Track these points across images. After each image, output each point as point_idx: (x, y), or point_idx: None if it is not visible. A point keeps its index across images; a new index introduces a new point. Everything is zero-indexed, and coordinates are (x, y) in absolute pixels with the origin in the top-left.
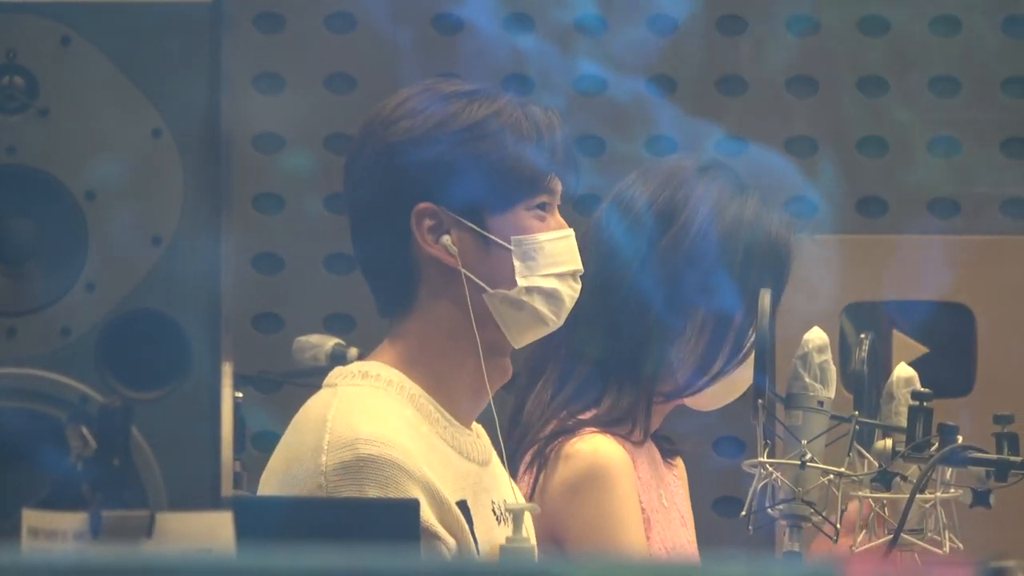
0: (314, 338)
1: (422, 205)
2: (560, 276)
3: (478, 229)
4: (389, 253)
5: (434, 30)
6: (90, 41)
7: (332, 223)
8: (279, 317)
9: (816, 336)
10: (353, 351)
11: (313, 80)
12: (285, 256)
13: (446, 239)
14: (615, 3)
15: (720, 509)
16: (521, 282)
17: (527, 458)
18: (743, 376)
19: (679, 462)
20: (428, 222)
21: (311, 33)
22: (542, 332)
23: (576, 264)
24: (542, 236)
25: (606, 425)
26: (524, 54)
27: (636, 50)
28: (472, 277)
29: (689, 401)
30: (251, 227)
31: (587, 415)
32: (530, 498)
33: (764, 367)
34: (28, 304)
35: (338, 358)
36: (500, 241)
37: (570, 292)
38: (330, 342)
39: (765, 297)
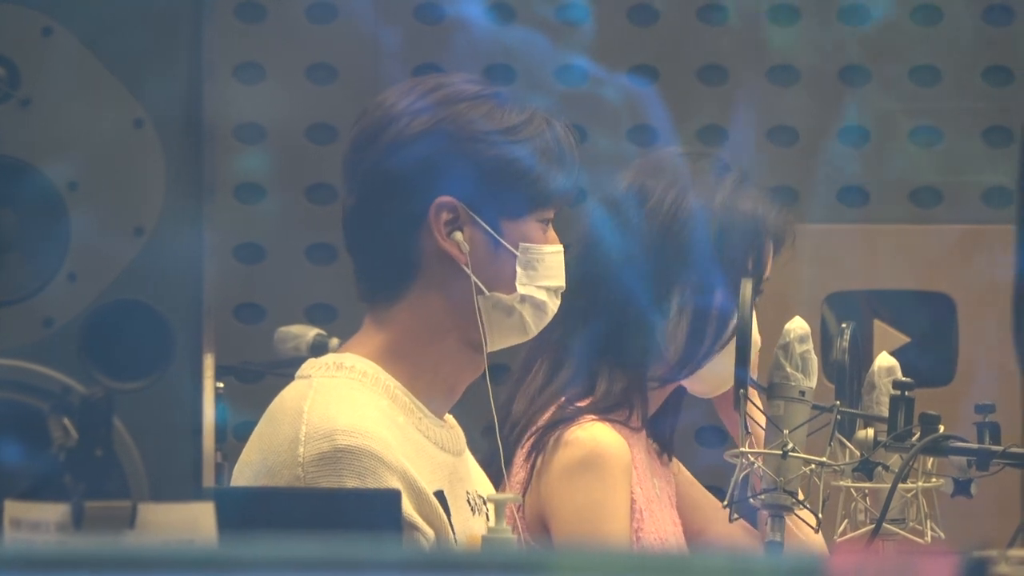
0: (295, 328)
1: (444, 198)
2: (549, 290)
3: (491, 231)
4: (395, 239)
5: (416, 20)
6: (71, 31)
7: (314, 213)
8: (261, 307)
9: (797, 326)
10: (334, 341)
11: (294, 70)
12: (267, 246)
13: (458, 235)
14: None
15: None
16: (520, 289)
17: (526, 446)
18: (733, 359)
19: (676, 463)
20: (446, 215)
21: (292, 23)
22: (517, 341)
23: (562, 281)
24: (545, 248)
25: (603, 412)
26: (506, 44)
27: (618, 40)
28: (474, 277)
29: (688, 386)
30: (233, 217)
31: (584, 402)
32: (527, 484)
33: (745, 357)
34: (10, 295)
35: (319, 348)
36: (509, 246)
37: (553, 307)
38: (311, 332)
39: (746, 287)
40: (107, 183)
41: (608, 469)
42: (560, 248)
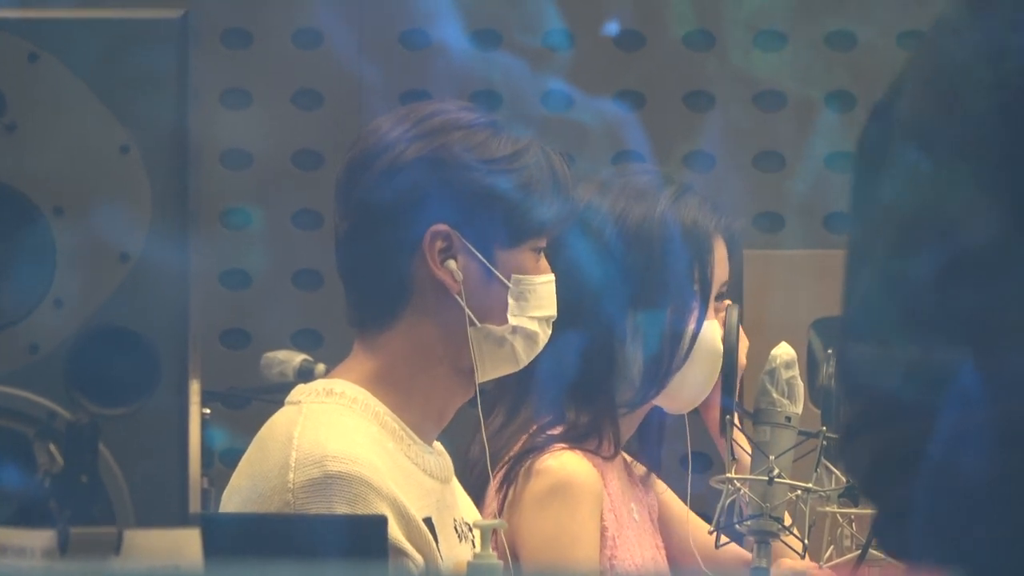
0: (281, 354)
1: (440, 226)
2: (541, 320)
3: (485, 261)
4: (387, 266)
5: (401, 47)
6: (58, 57)
7: (300, 239)
8: (247, 333)
9: (784, 352)
10: (320, 367)
11: (280, 96)
12: (252, 272)
13: (452, 264)
14: (580, 18)
15: None
16: (512, 320)
17: (498, 477)
18: (699, 371)
19: (657, 482)
20: (440, 243)
21: (278, 49)
22: (508, 371)
23: (553, 310)
24: (537, 279)
25: (574, 441)
26: (492, 70)
27: (604, 66)
28: (466, 307)
29: (662, 404)
30: (219, 243)
31: (556, 431)
32: (499, 514)
33: (732, 383)
34: None
35: (306, 374)
36: (502, 277)
37: (544, 337)
38: (298, 358)
39: (732, 313)
40: (93, 209)
41: (577, 497)
42: (551, 277)
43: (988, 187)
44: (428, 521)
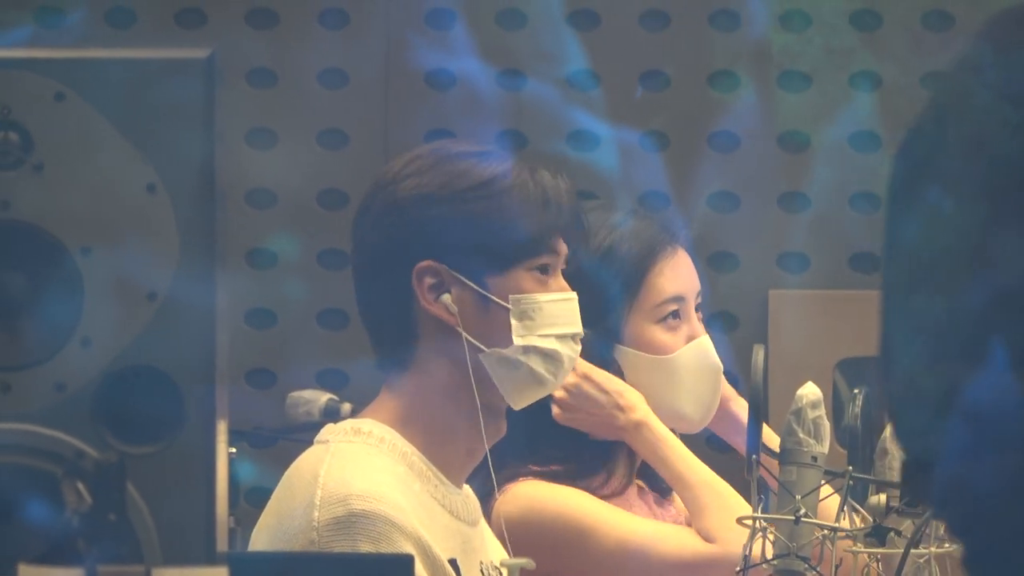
0: (307, 393)
1: (424, 263)
2: (560, 337)
3: (478, 288)
4: (390, 309)
5: (427, 86)
6: (84, 97)
7: (325, 279)
8: (272, 373)
9: (810, 391)
10: (347, 406)
11: (306, 135)
12: (278, 311)
13: (446, 297)
14: (606, 58)
15: None
16: (518, 341)
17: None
18: (694, 387)
19: (677, 500)
20: (429, 280)
21: (304, 88)
22: (541, 392)
23: (576, 327)
24: (541, 297)
25: (574, 479)
26: (517, 110)
27: (629, 106)
28: (469, 337)
29: (673, 426)
30: (244, 282)
31: (555, 468)
32: None
33: (758, 421)
34: (23, 360)
35: (331, 413)
36: (498, 300)
37: (569, 353)
38: (323, 397)
39: (758, 353)
40: (120, 248)
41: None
42: (567, 295)
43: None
44: (453, 563)
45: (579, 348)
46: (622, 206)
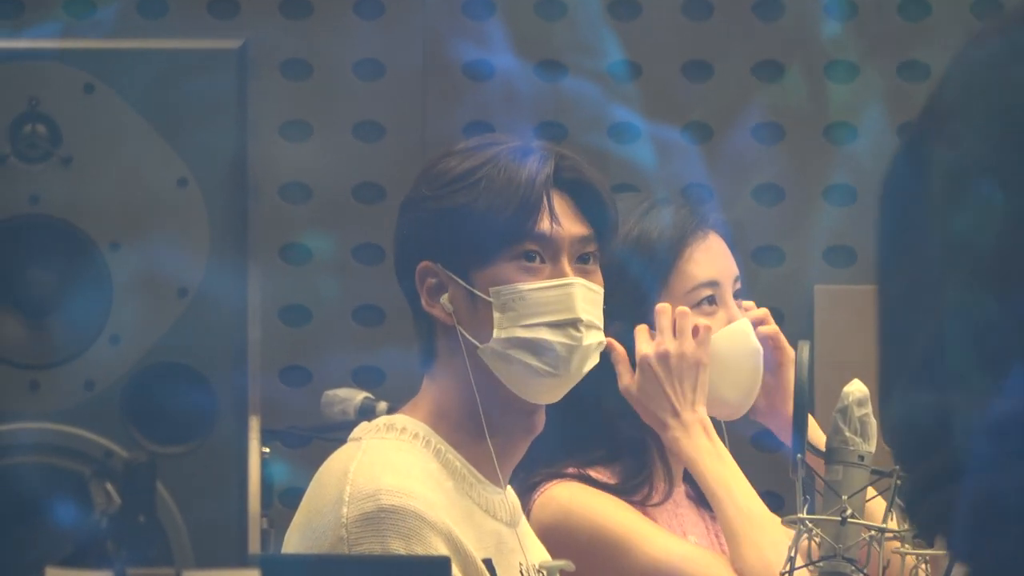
0: (343, 392)
1: (423, 264)
2: (552, 325)
3: (464, 284)
4: (413, 307)
5: (465, 77)
6: (114, 88)
7: (361, 274)
8: (307, 370)
9: (856, 389)
10: (382, 404)
11: (341, 128)
12: (313, 308)
13: (444, 297)
14: (647, 49)
15: None
16: (497, 333)
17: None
18: (732, 372)
19: None
20: (430, 280)
21: (339, 80)
22: (553, 384)
23: (572, 313)
24: (523, 286)
25: (618, 491)
26: (556, 101)
27: (671, 97)
28: (466, 334)
29: (713, 413)
30: (278, 278)
31: (593, 471)
32: None
33: (803, 421)
34: (51, 357)
35: (367, 411)
36: (480, 294)
37: (566, 342)
38: (359, 395)
39: (804, 349)
40: (150, 243)
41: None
42: (561, 282)
43: None
44: (488, 563)
45: (584, 335)
46: (654, 194)
